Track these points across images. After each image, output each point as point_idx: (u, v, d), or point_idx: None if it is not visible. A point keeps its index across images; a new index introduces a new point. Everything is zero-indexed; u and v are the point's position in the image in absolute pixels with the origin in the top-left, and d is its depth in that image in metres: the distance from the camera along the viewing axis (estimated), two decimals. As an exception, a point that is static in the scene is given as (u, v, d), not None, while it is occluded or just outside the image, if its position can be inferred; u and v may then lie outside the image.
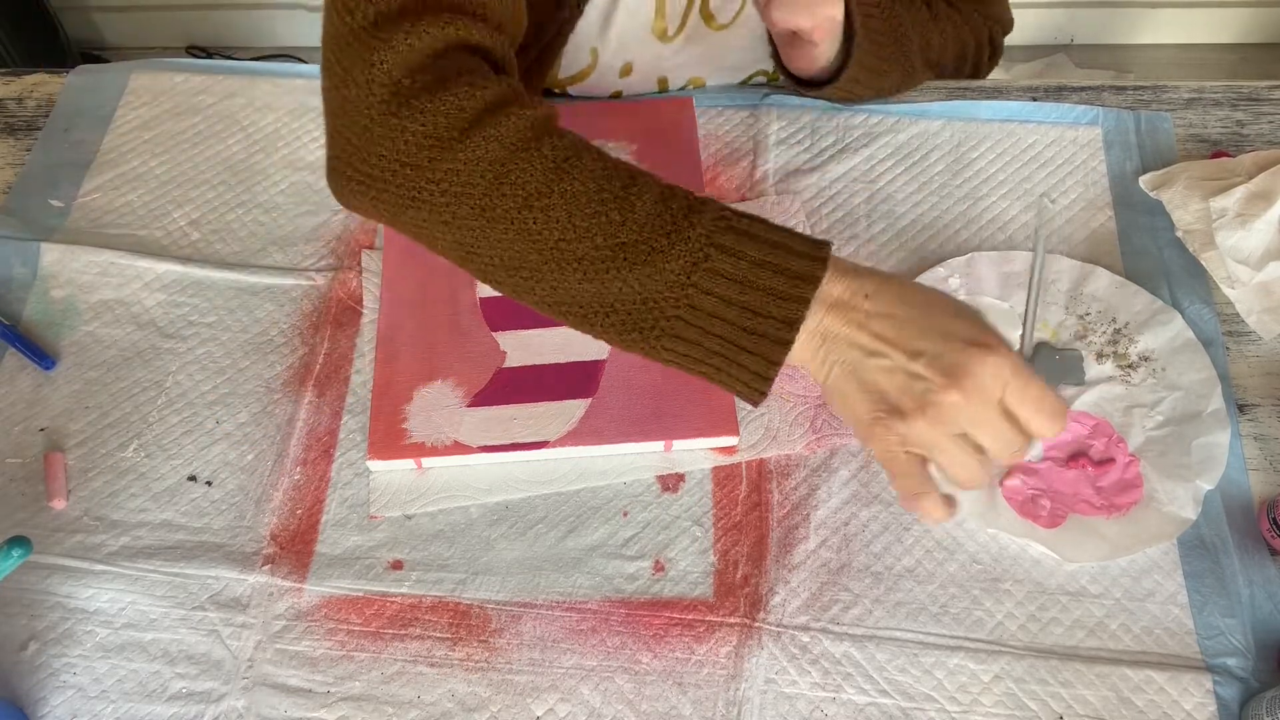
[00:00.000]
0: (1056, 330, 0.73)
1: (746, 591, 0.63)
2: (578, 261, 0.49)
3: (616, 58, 0.82)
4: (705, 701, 0.60)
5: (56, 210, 0.79)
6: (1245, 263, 0.74)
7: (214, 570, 0.64)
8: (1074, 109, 0.83)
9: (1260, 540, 0.64)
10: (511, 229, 0.50)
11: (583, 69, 0.82)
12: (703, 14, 0.80)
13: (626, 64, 0.83)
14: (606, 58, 0.82)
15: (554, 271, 0.50)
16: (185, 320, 0.74)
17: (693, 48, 0.83)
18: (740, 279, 0.48)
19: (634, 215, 0.49)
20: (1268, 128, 0.84)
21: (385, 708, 0.60)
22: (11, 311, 0.74)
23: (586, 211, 0.49)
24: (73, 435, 0.69)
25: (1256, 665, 0.60)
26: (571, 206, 0.50)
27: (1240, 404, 0.70)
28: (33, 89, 0.87)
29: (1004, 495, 0.66)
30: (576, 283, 0.50)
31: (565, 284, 0.50)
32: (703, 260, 0.48)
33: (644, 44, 0.81)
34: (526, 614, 0.63)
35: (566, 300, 0.51)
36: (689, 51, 0.83)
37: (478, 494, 0.67)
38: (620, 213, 0.49)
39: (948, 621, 0.62)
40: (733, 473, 0.68)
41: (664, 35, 0.81)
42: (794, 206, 0.79)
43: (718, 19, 0.81)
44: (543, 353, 0.71)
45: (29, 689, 0.61)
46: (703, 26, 0.81)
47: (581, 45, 0.80)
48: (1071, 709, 0.59)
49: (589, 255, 0.49)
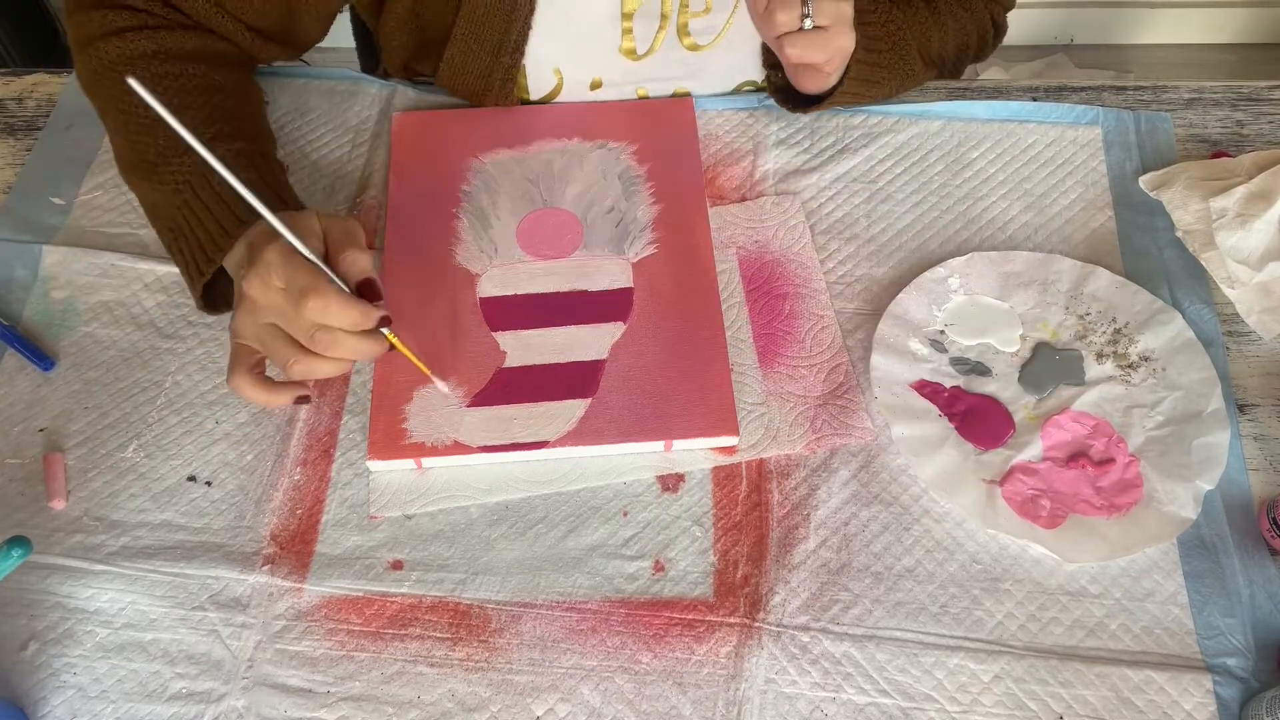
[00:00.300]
0: (1056, 330, 0.73)
1: (746, 591, 0.63)
2: (127, 165, 0.71)
3: (583, 74, 0.81)
4: (705, 701, 0.60)
5: (58, 208, 0.79)
6: (1245, 263, 0.74)
7: (214, 570, 0.64)
8: (1074, 109, 0.83)
9: (1260, 540, 0.64)
10: (108, 127, 0.73)
11: (551, 89, 0.82)
12: (679, 35, 0.79)
13: (595, 79, 0.82)
14: (572, 74, 0.81)
15: (121, 167, 0.72)
16: (185, 320, 0.74)
17: (670, 66, 0.81)
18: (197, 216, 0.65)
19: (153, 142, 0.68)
20: (1268, 128, 0.84)
21: (385, 708, 0.60)
22: (11, 312, 0.74)
23: (126, 131, 0.70)
24: (72, 435, 0.69)
25: (1256, 665, 0.60)
26: (120, 125, 0.71)
27: (1240, 404, 0.70)
28: (33, 89, 0.87)
29: (1004, 495, 0.66)
30: (130, 180, 0.72)
31: (127, 169, 0.71)
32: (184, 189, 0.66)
33: (611, 64, 0.81)
34: (526, 614, 0.63)
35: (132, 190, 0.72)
36: (666, 69, 0.82)
37: (478, 494, 0.67)
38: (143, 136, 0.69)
39: (948, 621, 0.62)
40: (733, 473, 0.68)
41: (633, 55, 0.80)
42: (794, 206, 0.79)
43: (697, 40, 0.80)
44: (543, 353, 0.71)
45: (29, 689, 0.61)
46: (679, 47, 0.80)
47: (543, 66, 0.80)
48: (1071, 709, 0.59)
49: (131, 160, 0.70)
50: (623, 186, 0.79)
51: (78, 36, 0.72)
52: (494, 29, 0.76)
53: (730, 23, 0.79)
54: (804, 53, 0.68)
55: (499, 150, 0.81)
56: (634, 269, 0.75)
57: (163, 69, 0.71)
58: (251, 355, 0.61)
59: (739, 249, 0.77)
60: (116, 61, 0.70)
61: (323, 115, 0.84)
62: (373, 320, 0.58)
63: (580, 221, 0.77)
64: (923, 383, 0.70)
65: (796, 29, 0.67)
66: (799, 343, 0.72)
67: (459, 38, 0.77)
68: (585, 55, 0.80)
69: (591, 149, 0.81)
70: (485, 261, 0.75)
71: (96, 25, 0.71)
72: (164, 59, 0.71)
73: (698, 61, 0.82)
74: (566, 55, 0.80)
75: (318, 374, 0.59)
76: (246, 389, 0.61)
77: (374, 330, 0.59)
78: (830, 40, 0.68)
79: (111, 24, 0.71)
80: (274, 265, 0.57)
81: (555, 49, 0.79)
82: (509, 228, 0.77)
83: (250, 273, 0.58)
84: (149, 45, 0.71)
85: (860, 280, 0.75)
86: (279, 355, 0.59)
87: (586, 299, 0.73)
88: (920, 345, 0.72)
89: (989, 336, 0.72)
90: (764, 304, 0.74)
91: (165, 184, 0.67)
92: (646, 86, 0.83)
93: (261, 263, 0.57)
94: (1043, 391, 0.70)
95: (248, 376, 0.61)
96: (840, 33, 0.68)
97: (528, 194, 0.78)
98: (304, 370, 0.58)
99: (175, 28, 0.72)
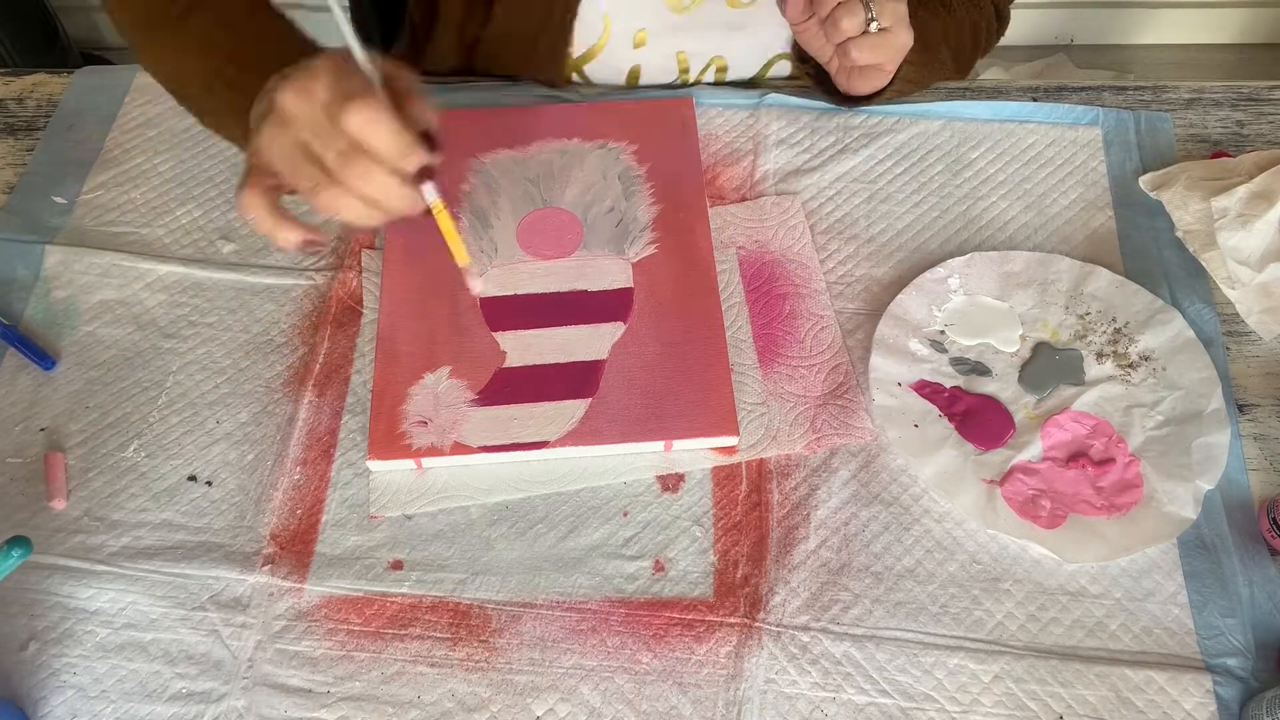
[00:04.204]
0: (1056, 330, 0.73)
1: (746, 591, 0.63)
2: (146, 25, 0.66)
3: (629, 24, 0.81)
4: (705, 701, 0.60)
5: (60, 207, 0.79)
6: (1245, 263, 0.74)
7: (214, 570, 0.64)
8: (1074, 109, 0.83)
9: (1260, 540, 0.64)
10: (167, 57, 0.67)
11: (596, 42, 0.82)
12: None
13: (640, 32, 0.82)
14: (619, 26, 0.81)
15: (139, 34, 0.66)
16: (186, 320, 0.74)
17: (711, 23, 0.82)
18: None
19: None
20: (1268, 128, 0.84)
21: (385, 708, 0.60)
22: (12, 311, 0.74)
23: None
24: (73, 435, 0.69)
25: (1256, 665, 0.60)
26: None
27: (1240, 404, 0.70)
28: (33, 89, 0.87)
29: (1004, 495, 0.66)
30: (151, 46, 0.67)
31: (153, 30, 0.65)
32: None
33: (657, 13, 0.81)
34: (526, 614, 0.63)
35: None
36: (707, 27, 0.82)
37: (478, 494, 0.67)
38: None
39: (948, 621, 0.62)
40: (733, 473, 0.68)
41: (678, 7, 0.80)
42: (794, 206, 0.79)
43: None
44: (543, 353, 0.71)
45: (29, 689, 0.61)
46: (721, 3, 0.81)
47: (592, 12, 0.80)
48: (1071, 709, 0.59)
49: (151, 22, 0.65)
50: (623, 186, 0.79)
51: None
52: None
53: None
54: (870, 55, 0.69)
55: (499, 150, 0.81)
56: (634, 269, 0.75)
57: None
58: (268, 175, 0.54)
59: (739, 249, 0.77)
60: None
61: (323, 115, 0.84)
62: (418, 159, 0.51)
63: (580, 221, 0.77)
64: (922, 383, 0.70)
65: (861, 33, 0.67)
66: (799, 343, 0.72)
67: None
68: (634, 3, 0.80)
69: (591, 149, 0.81)
70: (485, 261, 0.75)
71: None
72: None
73: (740, 19, 0.82)
74: (614, 2, 0.80)
75: (341, 210, 0.52)
76: (256, 207, 0.54)
77: (413, 184, 0.52)
78: (893, 40, 0.69)
79: None
80: (322, 72, 0.50)
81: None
82: (509, 228, 0.77)
83: (288, 83, 0.50)
84: None
85: (860, 280, 0.76)
86: (305, 175, 0.51)
87: (586, 299, 0.73)
88: (920, 345, 0.72)
89: (989, 336, 0.72)
90: (764, 304, 0.74)
91: (191, 31, 0.62)
92: (687, 48, 0.84)
93: (306, 71, 0.50)
94: (1043, 391, 0.70)
95: (260, 196, 0.54)
96: (900, 32, 0.69)
97: (528, 194, 0.78)
98: (328, 201, 0.51)
99: None
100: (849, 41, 0.68)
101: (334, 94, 0.49)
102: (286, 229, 0.55)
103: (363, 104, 0.48)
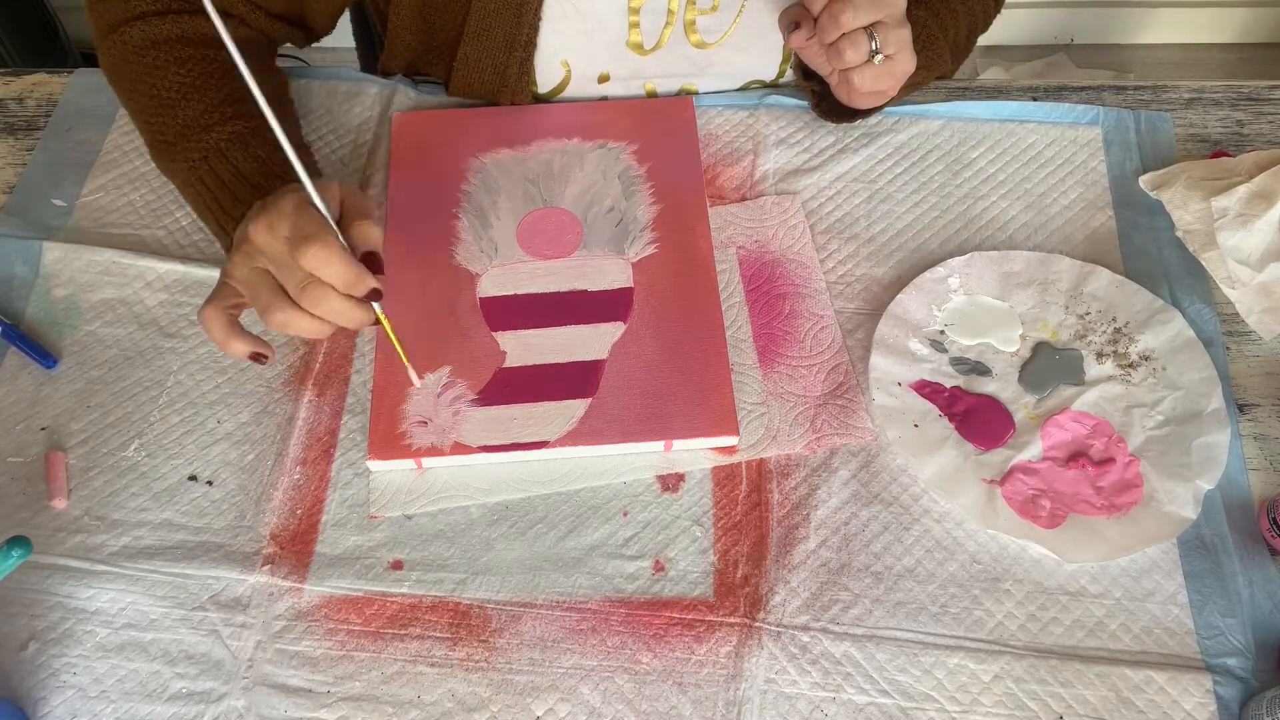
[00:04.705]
0: (1056, 330, 0.73)
1: (746, 591, 0.63)
2: (151, 147, 0.73)
3: (590, 67, 0.81)
4: (705, 701, 0.60)
5: (59, 209, 0.79)
6: (1245, 263, 0.74)
7: (214, 570, 0.64)
8: (1074, 109, 0.83)
9: (1260, 540, 0.64)
10: (131, 112, 0.75)
11: (559, 82, 0.82)
12: (687, 31, 0.79)
13: (603, 73, 0.82)
14: (580, 68, 0.81)
15: (150, 153, 0.74)
16: (187, 320, 0.74)
17: (677, 62, 0.82)
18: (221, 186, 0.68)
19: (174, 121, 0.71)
20: (1268, 128, 0.84)
21: (385, 708, 0.60)
22: (13, 310, 0.74)
23: (147, 113, 0.72)
24: (74, 434, 0.69)
25: (1256, 665, 0.60)
26: (141, 107, 0.73)
27: (1240, 404, 0.70)
28: (33, 89, 0.87)
29: (1004, 495, 0.66)
30: (153, 152, 0.73)
31: (151, 149, 0.73)
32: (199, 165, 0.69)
33: (618, 57, 0.81)
34: (526, 614, 0.63)
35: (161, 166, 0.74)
36: (674, 65, 0.82)
37: (478, 494, 0.67)
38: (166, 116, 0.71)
39: (948, 621, 0.62)
40: (733, 473, 0.68)
41: (640, 49, 0.80)
42: (794, 206, 0.79)
43: (704, 38, 0.80)
44: (543, 353, 0.71)
45: (29, 689, 0.61)
46: (686, 44, 0.80)
47: (551, 59, 0.80)
48: (1071, 709, 0.59)
49: (152, 140, 0.73)
50: (623, 186, 0.79)
51: (101, 24, 0.74)
52: (506, 23, 0.76)
53: (736, 24, 0.79)
54: (874, 84, 0.68)
55: (499, 150, 0.81)
56: (634, 269, 0.75)
57: (185, 53, 0.72)
58: (233, 296, 0.61)
59: (739, 249, 0.77)
60: (140, 46, 0.72)
61: (323, 115, 0.84)
62: (367, 286, 0.57)
63: (580, 221, 0.77)
64: (922, 383, 0.70)
65: (864, 62, 0.67)
66: (799, 343, 0.72)
67: (471, 35, 0.77)
68: (593, 48, 0.80)
69: (591, 149, 0.81)
70: (485, 261, 0.75)
71: (118, 11, 0.72)
72: (186, 44, 0.72)
73: (705, 59, 0.82)
74: (574, 47, 0.80)
75: (293, 328, 0.58)
76: (213, 323, 0.61)
77: (363, 302, 0.58)
78: (896, 67, 0.68)
79: (134, 9, 0.72)
80: (285, 213, 0.57)
81: (563, 41, 0.79)
82: (509, 227, 0.77)
83: (259, 218, 0.58)
84: (172, 30, 0.72)
85: (860, 280, 0.76)
86: (262, 299, 0.58)
87: (586, 299, 0.73)
88: (920, 345, 0.72)
89: (989, 336, 0.72)
90: (764, 304, 0.74)
91: (180, 161, 0.69)
92: (654, 83, 0.84)
93: (273, 209, 0.57)
94: (1043, 391, 0.70)
95: (220, 313, 0.61)
96: (904, 59, 0.68)
97: (528, 194, 0.78)
98: (281, 320, 0.58)
99: (196, 13, 0.73)
100: (852, 69, 0.68)
101: (294, 232, 0.56)
102: (237, 342, 0.61)
103: (318, 245, 0.55)
